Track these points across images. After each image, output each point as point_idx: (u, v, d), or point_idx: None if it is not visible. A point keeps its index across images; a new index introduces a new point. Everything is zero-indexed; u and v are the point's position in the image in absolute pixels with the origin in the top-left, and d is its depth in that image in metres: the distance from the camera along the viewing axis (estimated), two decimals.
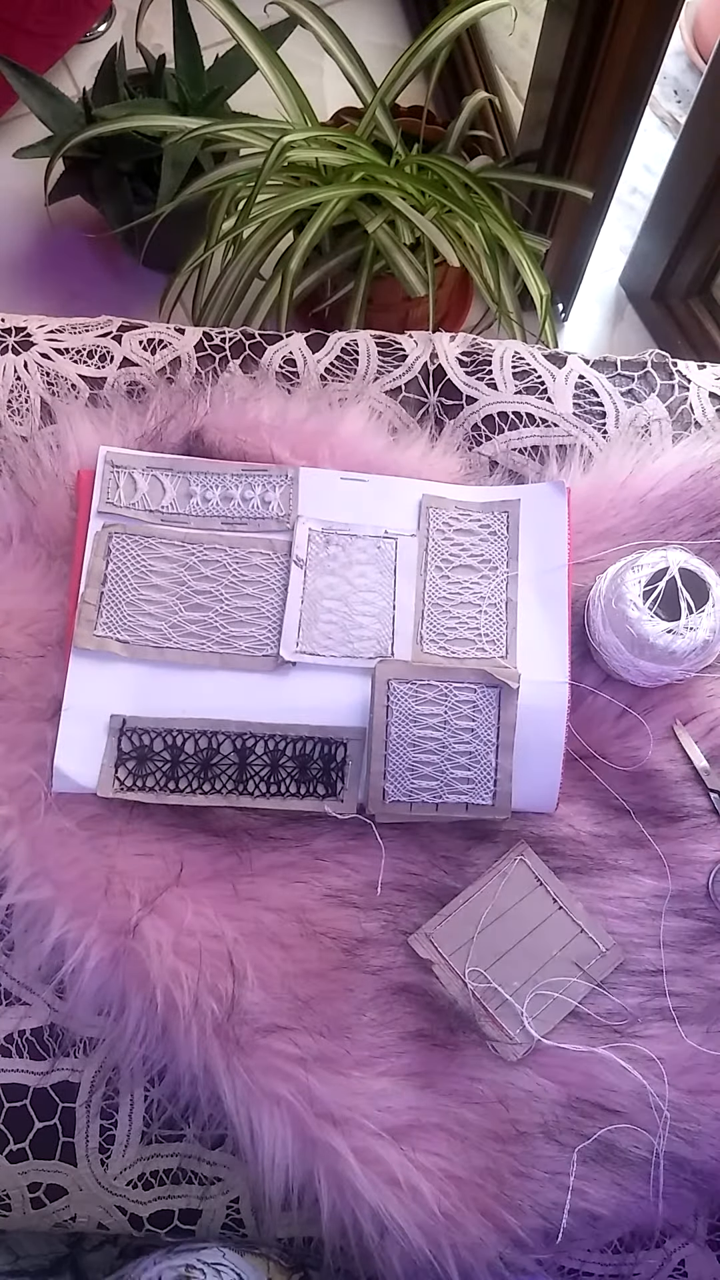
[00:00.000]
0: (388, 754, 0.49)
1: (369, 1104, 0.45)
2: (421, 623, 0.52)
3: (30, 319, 0.59)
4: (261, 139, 0.93)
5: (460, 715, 0.49)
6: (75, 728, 0.49)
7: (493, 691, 0.49)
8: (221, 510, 0.53)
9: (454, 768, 0.50)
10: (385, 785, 0.49)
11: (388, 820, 0.49)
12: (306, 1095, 0.45)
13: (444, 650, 0.51)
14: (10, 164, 1.17)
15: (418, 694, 0.49)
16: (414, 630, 0.51)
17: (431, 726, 0.49)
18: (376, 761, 0.49)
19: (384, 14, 1.52)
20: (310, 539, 0.52)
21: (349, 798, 0.49)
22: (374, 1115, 0.45)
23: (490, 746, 0.50)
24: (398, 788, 0.49)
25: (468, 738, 0.50)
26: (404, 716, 0.49)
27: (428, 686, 0.49)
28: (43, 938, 0.47)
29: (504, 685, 0.49)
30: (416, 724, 0.49)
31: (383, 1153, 0.45)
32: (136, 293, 1.35)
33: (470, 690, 0.49)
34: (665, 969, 0.48)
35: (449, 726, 0.50)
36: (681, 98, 1.44)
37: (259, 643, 0.51)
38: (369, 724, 0.49)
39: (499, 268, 0.92)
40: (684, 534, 0.54)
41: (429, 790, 0.50)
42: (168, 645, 0.50)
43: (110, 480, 0.52)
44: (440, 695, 0.49)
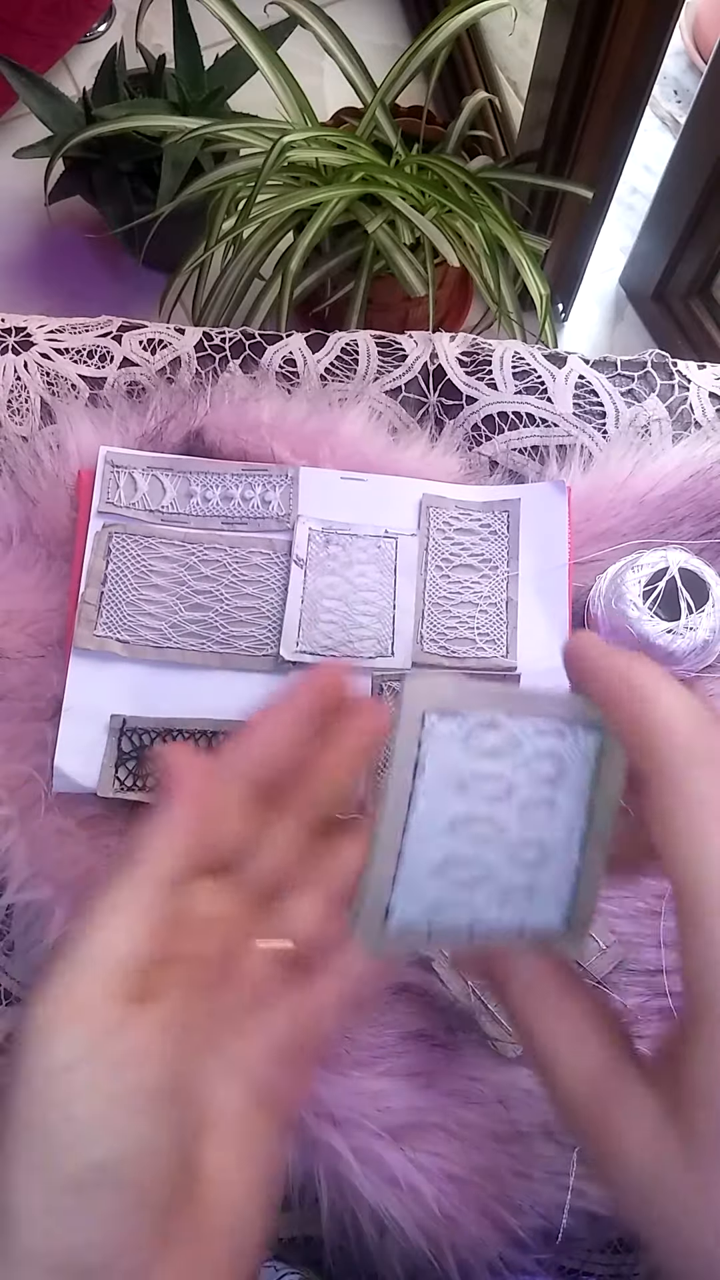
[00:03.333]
0: (405, 845, 0.25)
1: (369, 1104, 0.45)
2: (422, 622, 0.52)
3: (30, 319, 0.59)
4: (261, 139, 0.93)
5: (536, 778, 0.26)
6: (75, 728, 0.49)
7: (590, 738, 0.26)
8: (221, 510, 0.53)
9: (512, 867, 0.26)
10: (392, 897, 0.25)
11: (386, 959, 0.28)
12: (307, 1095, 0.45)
13: (444, 650, 0.51)
14: (10, 164, 1.17)
15: (470, 740, 0.25)
16: (414, 630, 0.51)
17: (487, 797, 0.25)
18: (383, 857, 0.25)
19: (384, 14, 1.52)
20: (310, 538, 0.52)
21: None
22: (374, 1115, 0.45)
23: (573, 833, 0.26)
24: (412, 901, 0.25)
25: (542, 816, 0.26)
26: (444, 779, 0.25)
27: (489, 728, 0.25)
28: (43, 938, 0.47)
29: (606, 729, 0.26)
30: (462, 792, 0.25)
31: (383, 1153, 0.45)
32: (136, 293, 1.36)
33: (556, 735, 0.26)
34: (665, 969, 0.48)
35: (515, 798, 0.26)
36: (681, 98, 1.44)
37: (259, 642, 0.51)
38: (384, 787, 0.25)
39: (499, 268, 0.92)
40: (684, 534, 0.54)
41: (464, 906, 0.26)
42: (168, 645, 0.50)
43: (110, 480, 0.52)
44: (507, 742, 0.25)
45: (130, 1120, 0.23)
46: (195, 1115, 0.25)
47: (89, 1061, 0.23)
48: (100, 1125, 0.22)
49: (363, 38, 1.07)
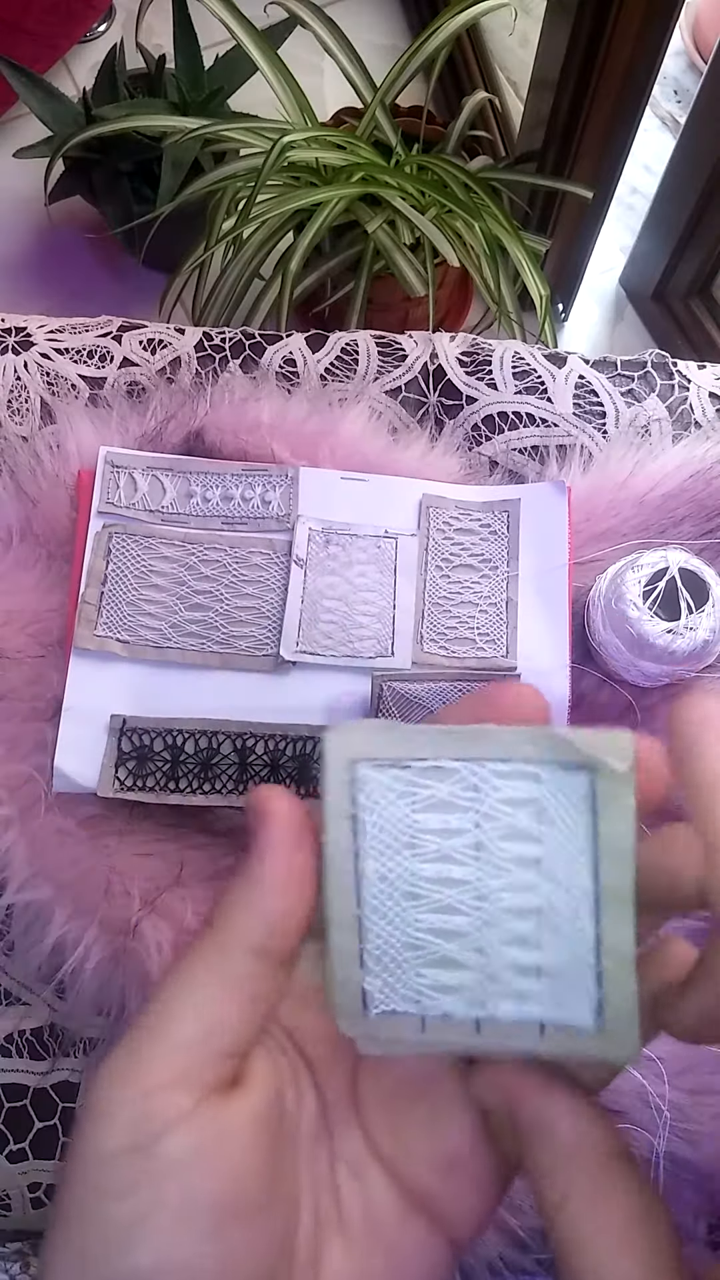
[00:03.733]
0: (363, 918, 0.22)
1: None
2: (422, 622, 0.52)
3: (30, 319, 0.59)
4: (261, 139, 0.93)
5: (510, 832, 0.21)
6: (75, 728, 0.49)
7: (577, 778, 0.21)
8: (221, 510, 0.53)
9: (506, 943, 0.22)
10: (365, 981, 0.22)
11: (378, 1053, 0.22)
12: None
13: (444, 650, 0.51)
14: (10, 164, 1.17)
15: (414, 791, 0.22)
16: (414, 630, 0.51)
17: (448, 857, 0.22)
18: (340, 933, 0.22)
19: (384, 14, 1.52)
20: (310, 538, 0.52)
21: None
22: None
23: (579, 898, 0.21)
24: (391, 985, 0.22)
25: (528, 878, 0.21)
26: (390, 837, 0.22)
27: (434, 772, 0.21)
28: (43, 938, 0.47)
29: (596, 765, 0.21)
30: (416, 852, 0.22)
31: None
32: (136, 293, 1.36)
33: (527, 779, 0.21)
34: None
35: (487, 856, 0.22)
36: (681, 98, 1.44)
37: (259, 642, 0.51)
38: (324, 854, 0.22)
39: (499, 268, 0.92)
40: (684, 534, 0.54)
41: (459, 993, 0.22)
42: (168, 645, 0.50)
43: (110, 480, 0.52)
44: (461, 790, 0.21)
45: (176, 1229, 0.19)
46: (300, 1217, 0.22)
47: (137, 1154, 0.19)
48: (140, 1229, 0.19)
49: (363, 38, 1.07)
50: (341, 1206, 0.22)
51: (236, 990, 0.21)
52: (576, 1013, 0.21)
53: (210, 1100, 0.20)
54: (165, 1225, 0.19)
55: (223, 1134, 0.20)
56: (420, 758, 0.22)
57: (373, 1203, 0.23)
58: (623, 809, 0.21)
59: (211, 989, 0.21)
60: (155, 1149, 0.19)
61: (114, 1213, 0.19)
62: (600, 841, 0.21)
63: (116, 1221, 0.19)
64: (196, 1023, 0.21)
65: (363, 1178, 0.23)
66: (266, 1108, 0.21)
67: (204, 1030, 0.21)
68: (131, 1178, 0.19)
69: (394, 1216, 0.23)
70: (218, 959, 0.21)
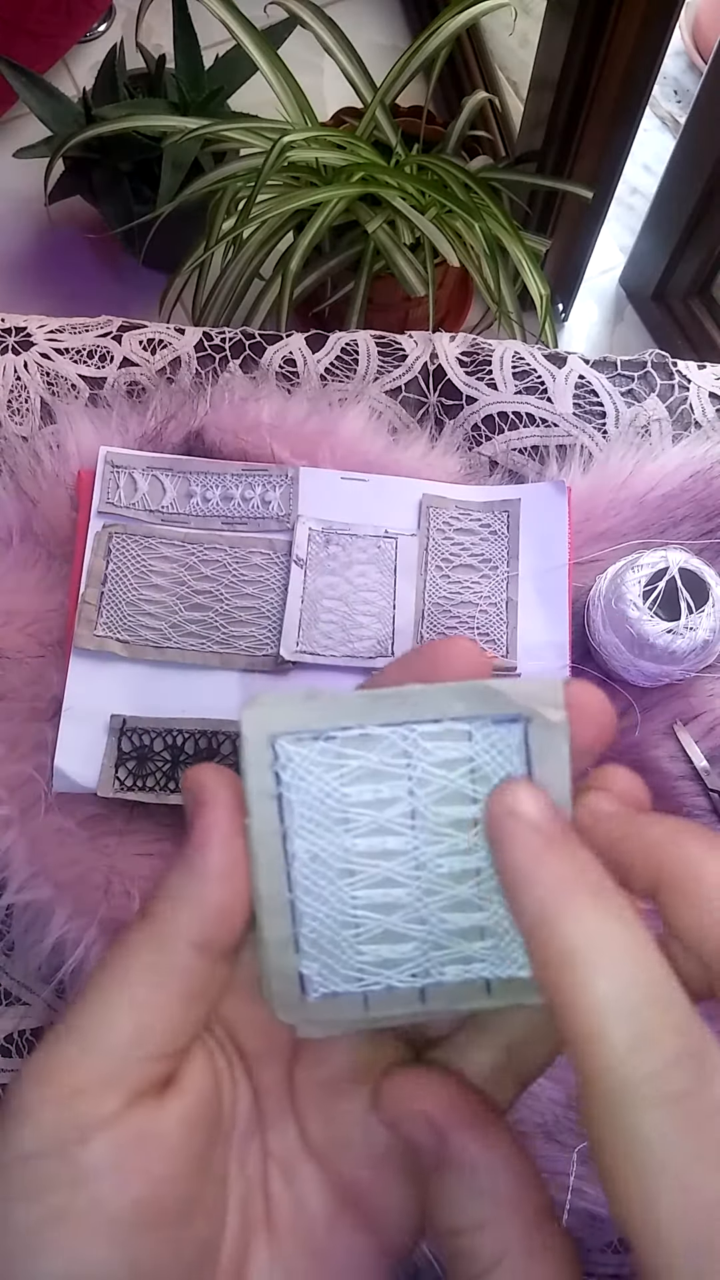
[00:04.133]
0: (295, 901, 0.21)
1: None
2: (422, 622, 0.52)
3: (30, 319, 0.59)
4: (261, 139, 0.93)
5: (446, 795, 0.21)
6: (75, 728, 0.49)
7: (509, 730, 0.21)
8: (221, 510, 0.53)
9: (448, 909, 0.21)
10: (301, 965, 0.21)
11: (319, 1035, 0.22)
12: None
13: None
14: (10, 164, 1.17)
15: (340, 762, 0.21)
16: (414, 630, 0.51)
17: (383, 829, 0.21)
18: (271, 919, 0.21)
19: (384, 14, 1.52)
20: (310, 538, 0.52)
21: None
22: None
23: None
24: (330, 966, 0.21)
25: (466, 840, 0.21)
26: (317, 815, 0.21)
27: (360, 741, 0.21)
28: (43, 938, 0.47)
29: (530, 715, 0.20)
30: (348, 828, 0.21)
31: None
32: (136, 293, 1.36)
33: (458, 737, 0.21)
34: None
35: (423, 823, 0.21)
36: (681, 98, 1.44)
37: (259, 642, 0.51)
38: (249, 837, 0.21)
39: (499, 268, 0.92)
40: (684, 534, 0.54)
41: (402, 965, 0.21)
42: (168, 645, 0.50)
43: (110, 480, 0.52)
44: (390, 757, 0.21)
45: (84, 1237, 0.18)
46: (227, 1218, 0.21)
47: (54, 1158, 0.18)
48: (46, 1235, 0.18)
49: (363, 38, 1.07)
50: (271, 1206, 0.21)
51: (173, 987, 0.20)
52: (521, 965, 0.21)
53: (139, 1104, 0.19)
54: (73, 1233, 0.18)
55: (147, 1140, 0.19)
56: (344, 726, 0.20)
57: (303, 1202, 0.21)
58: (558, 757, 0.20)
59: (146, 986, 0.20)
60: (74, 1154, 0.18)
61: (20, 1216, 0.18)
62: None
63: (22, 1226, 0.18)
64: (128, 1022, 0.19)
65: (294, 1175, 0.22)
66: (199, 1110, 0.20)
67: (136, 1030, 0.19)
68: (43, 1181, 0.18)
69: (323, 1216, 0.21)
70: (154, 954, 0.20)
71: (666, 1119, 0.16)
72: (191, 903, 0.20)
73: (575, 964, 0.17)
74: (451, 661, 0.22)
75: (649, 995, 0.17)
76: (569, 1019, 0.17)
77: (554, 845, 0.19)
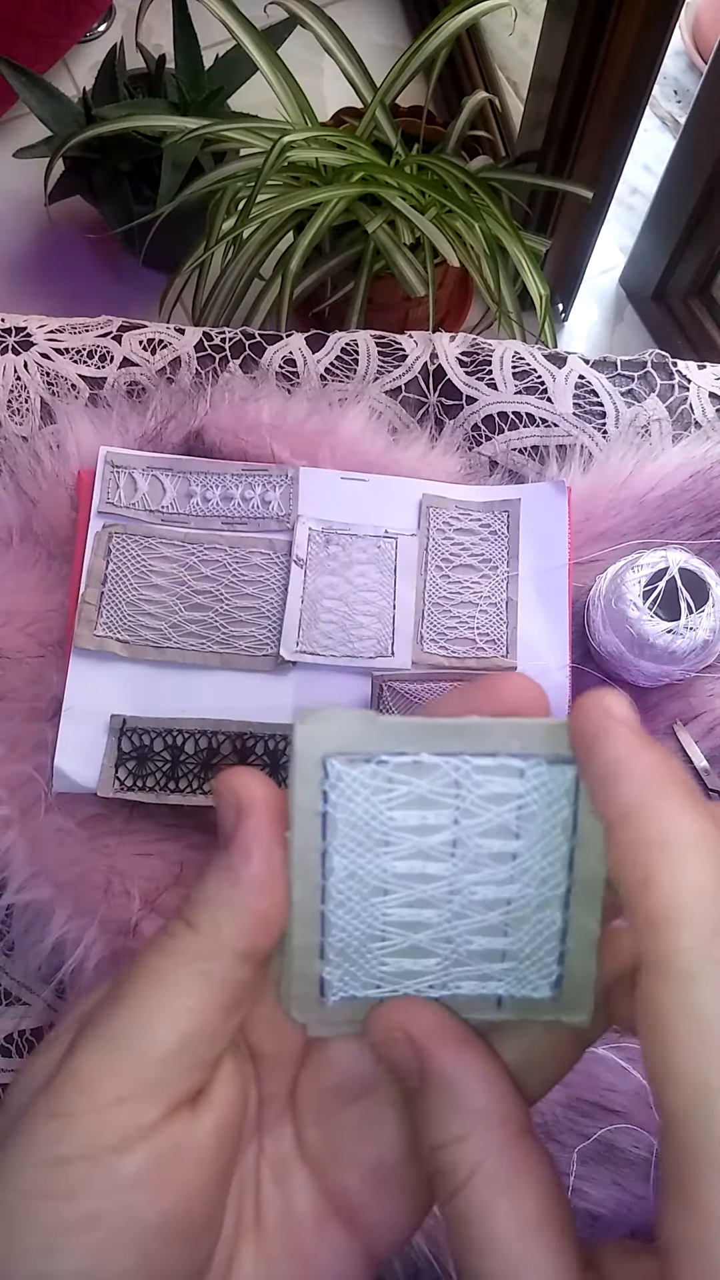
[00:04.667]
0: (327, 912, 0.21)
1: None
2: (422, 622, 0.52)
3: (30, 319, 0.59)
4: (261, 139, 0.93)
5: (489, 829, 0.21)
6: (75, 728, 0.49)
7: (561, 771, 0.21)
8: (221, 510, 0.53)
9: (474, 932, 0.22)
10: (324, 971, 0.22)
11: (330, 1034, 0.23)
12: None
13: (444, 650, 0.51)
14: (10, 164, 1.17)
15: (390, 788, 0.21)
16: (414, 630, 0.51)
17: (424, 854, 0.21)
18: (302, 927, 0.21)
19: (384, 14, 1.52)
20: (310, 538, 0.52)
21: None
22: None
23: (554, 887, 0.22)
24: (352, 973, 0.22)
25: (504, 872, 0.21)
26: (361, 835, 0.21)
27: (412, 768, 0.21)
28: (43, 938, 0.47)
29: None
30: (389, 850, 0.21)
31: None
32: (136, 293, 1.36)
33: (509, 774, 0.21)
34: None
35: (464, 853, 0.21)
36: (681, 98, 1.44)
37: (259, 642, 0.51)
38: (290, 847, 0.21)
39: (499, 268, 0.92)
40: (684, 534, 0.54)
41: (421, 977, 0.22)
42: (168, 645, 0.50)
43: (110, 480, 0.53)
44: (440, 787, 0.21)
45: (109, 1245, 0.18)
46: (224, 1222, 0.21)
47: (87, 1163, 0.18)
48: (71, 1238, 0.18)
49: (363, 38, 1.07)
50: (261, 1209, 0.22)
51: (218, 997, 0.20)
52: (536, 988, 0.22)
53: (176, 1115, 0.19)
54: (100, 1239, 0.18)
55: (181, 1152, 0.19)
56: (399, 752, 0.20)
57: (291, 1206, 0.22)
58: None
59: (191, 994, 0.20)
60: (111, 1162, 0.18)
61: (49, 1216, 0.18)
62: (580, 834, 0.21)
63: (49, 1225, 0.18)
64: (173, 1031, 0.19)
65: (285, 1179, 0.22)
66: (229, 1121, 0.20)
67: (181, 1040, 0.19)
68: (77, 1186, 0.18)
69: (311, 1221, 0.22)
70: (200, 961, 0.20)
71: None
72: (237, 912, 0.20)
73: (669, 848, 0.18)
74: (512, 696, 0.22)
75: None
76: (653, 900, 0.17)
77: (649, 744, 0.19)
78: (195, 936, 0.20)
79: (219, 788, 0.21)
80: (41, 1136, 0.18)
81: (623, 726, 0.20)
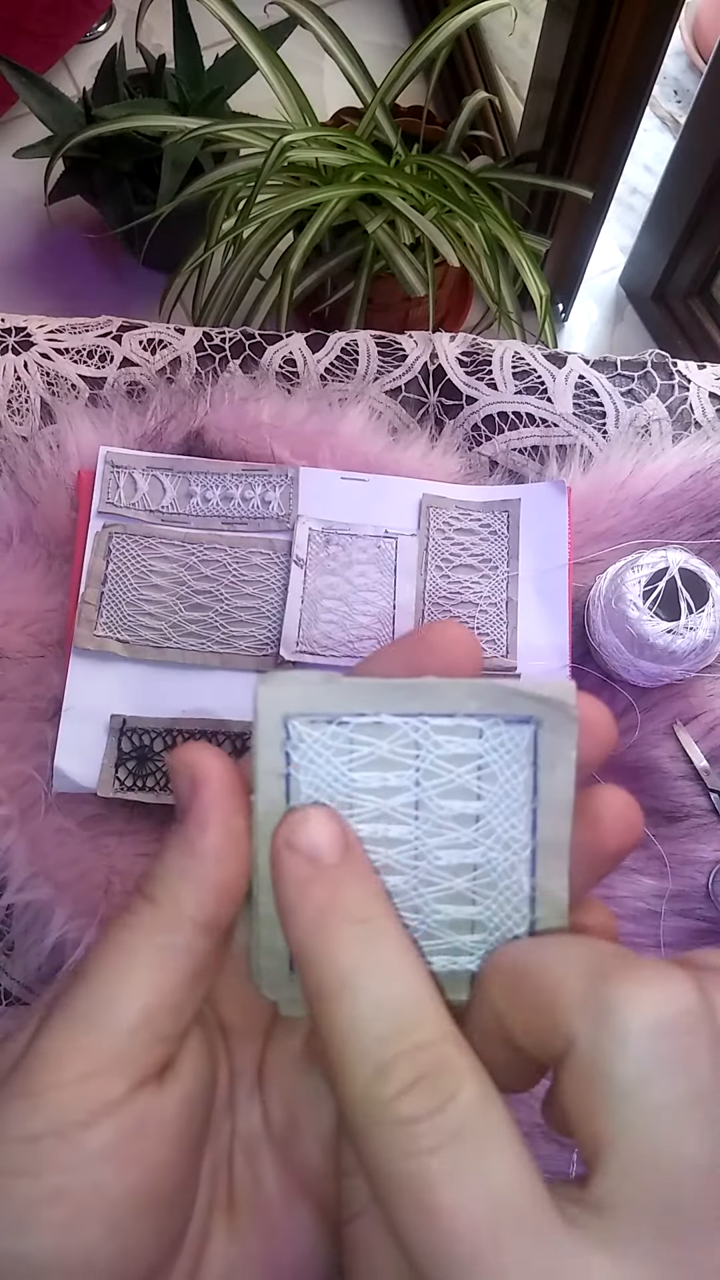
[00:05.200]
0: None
1: None
2: (422, 622, 0.52)
3: (30, 319, 0.59)
4: (261, 139, 0.93)
5: (451, 789, 0.21)
6: (75, 728, 0.49)
7: (519, 730, 0.21)
8: (221, 510, 0.53)
9: (442, 900, 0.21)
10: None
11: (302, 1014, 0.22)
12: None
13: None
14: (10, 164, 1.17)
15: (351, 749, 0.21)
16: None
17: (386, 817, 0.21)
18: (269, 901, 0.21)
19: (384, 14, 1.52)
20: (310, 538, 0.52)
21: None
22: None
23: (519, 851, 0.21)
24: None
25: (467, 835, 0.21)
26: (324, 798, 0.21)
27: (372, 728, 0.21)
28: (43, 938, 0.47)
29: (542, 715, 0.21)
30: (352, 813, 0.21)
31: None
32: (136, 293, 1.36)
33: (468, 734, 0.21)
34: None
35: (426, 815, 0.21)
36: (681, 98, 1.44)
37: (259, 642, 0.51)
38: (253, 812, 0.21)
39: (499, 268, 0.92)
40: (684, 534, 0.54)
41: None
42: (168, 645, 0.50)
43: (110, 480, 0.52)
44: (400, 747, 0.21)
45: (77, 1220, 0.18)
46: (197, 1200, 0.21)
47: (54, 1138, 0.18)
48: (39, 1214, 0.18)
49: (363, 38, 1.07)
50: (233, 1188, 0.21)
51: (180, 968, 0.20)
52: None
53: (142, 1088, 0.19)
54: (69, 1214, 0.18)
55: (148, 1127, 0.19)
56: (359, 713, 0.21)
57: (261, 1183, 0.22)
58: (565, 761, 0.21)
59: (154, 968, 0.20)
60: (78, 1137, 0.18)
61: (17, 1192, 0.18)
62: (540, 794, 0.21)
63: (17, 1201, 0.18)
64: (137, 1004, 0.19)
65: (255, 1157, 0.22)
66: (196, 1094, 0.20)
67: (145, 1014, 0.19)
68: (44, 1161, 0.18)
69: (279, 1199, 0.22)
70: (161, 934, 0.20)
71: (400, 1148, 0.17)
72: (195, 883, 0.20)
73: (323, 998, 0.18)
74: (445, 645, 0.22)
75: (392, 1027, 0.18)
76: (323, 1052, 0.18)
77: (322, 875, 0.19)
78: (155, 910, 0.20)
79: (173, 763, 0.21)
80: (11, 1116, 0.18)
81: (296, 860, 0.20)
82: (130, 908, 0.20)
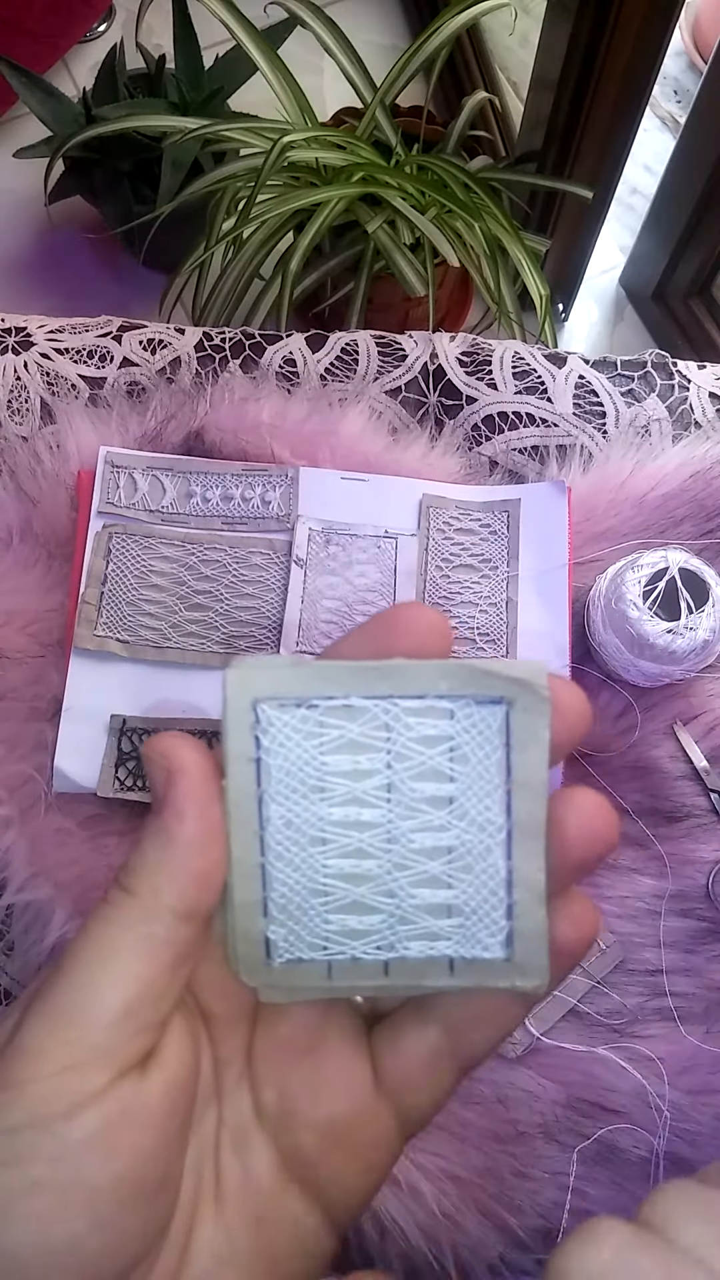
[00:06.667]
0: (266, 865, 0.21)
1: None
2: None
3: (30, 319, 0.59)
4: (261, 139, 0.93)
5: (423, 771, 0.21)
6: (75, 728, 0.49)
7: (491, 711, 0.21)
8: (221, 510, 0.53)
9: (414, 885, 0.21)
10: (268, 930, 0.22)
11: (281, 1000, 0.22)
12: None
13: None
14: (10, 164, 1.17)
15: (321, 732, 0.21)
16: None
17: (359, 800, 0.21)
18: (242, 881, 0.21)
19: (384, 14, 1.52)
20: (310, 539, 0.52)
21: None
22: None
23: (494, 834, 0.21)
24: (296, 933, 0.22)
25: (441, 818, 0.21)
26: (294, 781, 0.21)
27: (342, 711, 0.21)
28: (43, 938, 0.47)
29: (513, 695, 0.20)
30: (324, 796, 0.21)
31: None
32: (136, 293, 1.36)
33: (439, 715, 0.21)
34: (665, 969, 0.48)
35: (399, 798, 0.21)
36: (681, 98, 1.44)
37: (259, 643, 0.51)
38: (225, 798, 0.21)
39: (499, 268, 0.92)
40: (684, 534, 0.54)
41: (368, 936, 0.22)
42: (168, 645, 0.50)
43: (110, 480, 0.53)
44: (371, 730, 0.21)
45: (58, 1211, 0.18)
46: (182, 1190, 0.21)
47: (35, 1130, 0.18)
48: (19, 1206, 0.18)
49: (363, 38, 1.07)
50: (220, 1178, 0.21)
51: (160, 958, 0.20)
52: (487, 946, 0.21)
53: (124, 1078, 0.19)
54: (51, 1205, 0.18)
55: (131, 1115, 0.19)
56: (328, 695, 0.20)
57: (250, 1173, 0.21)
58: (537, 742, 0.20)
59: (134, 958, 0.20)
60: (59, 1128, 0.18)
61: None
62: (514, 775, 0.21)
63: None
64: (117, 995, 0.19)
65: (244, 1145, 0.22)
66: (179, 1082, 0.20)
67: (126, 1005, 0.19)
68: (25, 1153, 0.18)
69: (269, 1188, 0.21)
70: (140, 925, 0.20)
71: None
72: (174, 873, 0.20)
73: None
74: (414, 627, 0.21)
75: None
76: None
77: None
78: (134, 901, 0.20)
79: (147, 753, 0.21)
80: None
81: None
82: (108, 899, 0.20)
